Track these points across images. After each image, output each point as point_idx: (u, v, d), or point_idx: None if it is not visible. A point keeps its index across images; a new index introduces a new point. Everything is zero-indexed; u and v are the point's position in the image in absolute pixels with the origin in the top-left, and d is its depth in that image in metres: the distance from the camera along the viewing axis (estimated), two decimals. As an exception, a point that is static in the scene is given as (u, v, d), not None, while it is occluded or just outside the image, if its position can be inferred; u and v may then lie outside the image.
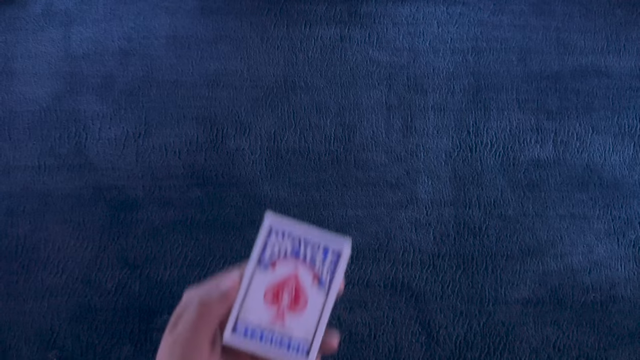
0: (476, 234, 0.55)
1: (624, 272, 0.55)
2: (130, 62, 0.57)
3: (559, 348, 0.52)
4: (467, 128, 0.57)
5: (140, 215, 0.53)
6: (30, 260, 0.52)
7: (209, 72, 0.57)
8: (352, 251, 0.54)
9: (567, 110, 0.58)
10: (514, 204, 0.56)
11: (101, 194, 0.54)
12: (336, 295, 0.32)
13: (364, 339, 0.52)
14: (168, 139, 0.55)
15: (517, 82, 0.59)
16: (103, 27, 0.58)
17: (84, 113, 0.56)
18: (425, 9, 0.60)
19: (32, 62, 0.57)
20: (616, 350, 0.52)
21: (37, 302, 0.51)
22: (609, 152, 0.57)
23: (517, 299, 0.53)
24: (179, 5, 0.59)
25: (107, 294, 0.52)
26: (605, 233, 0.55)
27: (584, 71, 0.59)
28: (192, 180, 0.54)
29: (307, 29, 0.59)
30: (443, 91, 0.58)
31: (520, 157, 0.57)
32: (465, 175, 0.56)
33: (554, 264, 0.54)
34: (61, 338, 0.51)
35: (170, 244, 0.53)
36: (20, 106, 0.56)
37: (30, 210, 0.53)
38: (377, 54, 0.59)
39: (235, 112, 0.56)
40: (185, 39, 0.58)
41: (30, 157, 0.54)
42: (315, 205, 0.54)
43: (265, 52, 0.58)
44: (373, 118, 0.57)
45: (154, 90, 0.56)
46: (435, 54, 0.59)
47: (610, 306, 0.54)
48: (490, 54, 0.59)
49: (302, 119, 0.56)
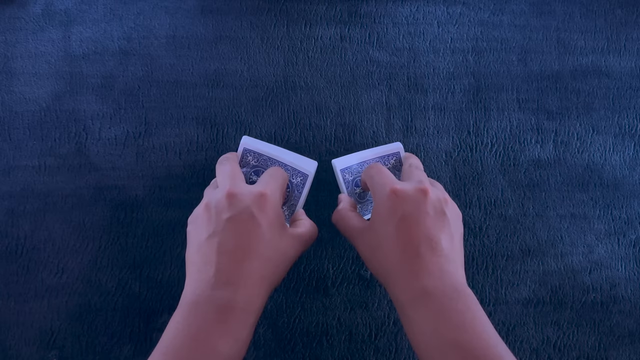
0: (476, 234, 0.55)
1: (625, 272, 0.55)
2: (130, 62, 0.57)
3: (559, 348, 0.52)
4: (467, 128, 0.57)
5: (140, 215, 0.53)
6: (31, 260, 0.52)
7: (209, 72, 0.57)
8: (352, 247, 0.55)
9: (567, 110, 0.58)
10: (514, 204, 0.56)
11: (101, 194, 0.54)
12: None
13: (364, 339, 0.52)
14: (168, 138, 0.55)
15: (518, 82, 0.59)
16: (103, 27, 0.58)
17: (84, 113, 0.56)
18: (426, 8, 0.60)
19: (31, 62, 0.57)
20: (616, 351, 0.53)
21: (37, 302, 0.51)
22: (609, 152, 0.57)
23: (517, 299, 0.53)
24: (179, 5, 0.59)
25: (108, 294, 0.52)
26: (605, 233, 0.56)
27: (584, 71, 0.59)
28: (193, 180, 0.54)
29: (307, 28, 0.59)
30: (443, 91, 0.58)
31: (521, 157, 0.57)
32: (465, 175, 0.56)
33: (554, 264, 0.54)
34: (61, 338, 0.51)
35: (171, 244, 0.53)
36: (20, 106, 0.55)
37: (30, 210, 0.53)
38: (377, 53, 0.59)
39: (235, 112, 0.56)
40: (185, 38, 0.58)
41: (31, 157, 0.54)
42: (315, 205, 0.54)
43: (265, 52, 0.58)
44: (373, 118, 0.57)
45: (154, 90, 0.56)
46: (435, 53, 0.59)
47: (610, 306, 0.54)
48: (490, 54, 0.59)
49: (302, 118, 0.56)
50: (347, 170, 0.49)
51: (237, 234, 0.38)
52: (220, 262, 0.37)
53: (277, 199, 0.42)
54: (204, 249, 0.38)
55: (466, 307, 0.36)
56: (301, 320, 0.52)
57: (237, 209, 0.39)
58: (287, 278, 0.53)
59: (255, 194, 0.40)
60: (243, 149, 0.49)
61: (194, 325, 0.35)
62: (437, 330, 0.36)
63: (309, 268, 0.53)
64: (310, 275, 0.53)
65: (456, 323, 0.35)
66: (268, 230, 0.40)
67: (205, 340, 0.35)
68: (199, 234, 0.40)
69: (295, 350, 0.51)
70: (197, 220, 0.41)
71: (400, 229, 0.39)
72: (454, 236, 0.40)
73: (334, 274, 0.53)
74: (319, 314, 0.52)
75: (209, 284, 0.37)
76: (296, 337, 0.52)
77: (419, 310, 0.37)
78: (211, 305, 0.36)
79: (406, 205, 0.40)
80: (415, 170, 0.45)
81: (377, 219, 0.41)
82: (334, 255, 0.54)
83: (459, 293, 0.37)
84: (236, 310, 0.36)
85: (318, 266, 0.53)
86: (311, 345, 0.52)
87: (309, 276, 0.53)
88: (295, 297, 0.53)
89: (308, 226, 0.44)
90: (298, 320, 0.52)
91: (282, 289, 0.53)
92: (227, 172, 0.44)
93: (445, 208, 0.41)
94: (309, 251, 0.53)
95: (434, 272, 0.38)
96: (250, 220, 0.39)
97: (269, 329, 0.52)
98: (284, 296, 0.53)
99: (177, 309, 0.37)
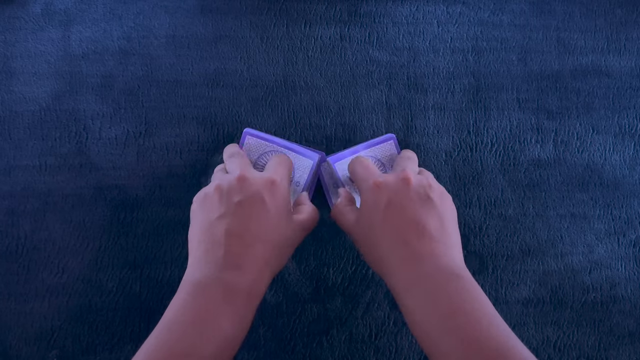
0: (476, 234, 0.55)
1: (625, 272, 0.55)
2: (130, 62, 0.57)
3: (559, 348, 0.52)
4: (467, 128, 0.57)
5: (141, 214, 0.53)
6: (31, 260, 0.52)
7: (209, 72, 0.57)
8: (352, 247, 0.55)
9: (567, 109, 0.58)
10: (514, 204, 0.56)
11: (102, 194, 0.54)
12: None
13: (364, 339, 0.52)
14: (169, 138, 0.55)
15: (518, 81, 0.59)
16: (102, 27, 0.58)
17: (84, 112, 0.56)
18: (425, 8, 0.60)
19: (31, 62, 0.57)
20: (616, 351, 0.53)
21: (37, 302, 0.51)
22: (609, 152, 0.57)
23: (517, 299, 0.53)
24: (179, 4, 0.58)
25: (108, 294, 0.52)
26: (605, 233, 0.56)
27: (584, 71, 0.59)
28: (194, 180, 0.54)
29: (306, 28, 0.59)
30: (443, 91, 0.58)
31: (521, 156, 0.57)
32: (465, 175, 0.56)
33: (554, 264, 0.55)
34: (61, 338, 0.51)
35: (172, 243, 0.53)
36: (20, 106, 0.55)
37: (30, 210, 0.53)
38: (377, 53, 0.59)
39: (235, 112, 0.56)
40: (185, 38, 0.58)
41: (31, 156, 0.54)
42: (316, 205, 0.54)
43: (265, 51, 0.58)
44: (373, 118, 0.57)
45: (154, 90, 0.56)
46: (435, 53, 0.59)
47: (610, 306, 0.54)
48: (490, 54, 0.59)
49: (302, 118, 0.56)
50: (341, 164, 0.50)
51: (247, 217, 0.39)
52: (229, 244, 0.38)
53: (286, 186, 0.43)
54: (212, 229, 0.39)
55: (462, 290, 0.36)
56: (301, 320, 0.52)
57: (248, 193, 0.40)
58: (287, 278, 0.53)
59: (266, 180, 0.41)
60: (247, 137, 0.50)
61: (201, 304, 0.36)
62: (432, 315, 0.35)
63: (309, 268, 0.53)
64: (311, 275, 0.53)
65: (451, 308, 0.35)
66: (276, 217, 0.40)
67: (211, 319, 0.35)
68: (208, 214, 0.40)
69: (295, 351, 0.51)
70: (207, 200, 0.41)
71: (387, 219, 0.40)
72: (443, 220, 0.40)
73: (334, 274, 0.53)
74: (319, 314, 0.52)
75: (217, 265, 0.37)
76: (296, 337, 0.52)
77: (414, 296, 0.37)
78: (218, 287, 0.36)
79: (389, 194, 0.40)
80: (403, 161, 0.46)
81: (365, 212, 0.42)
82: (334, 255, 0.54)
83: (453, 276, 0.37)
84: (242, 292, 0.37)
85: (318, 266, 0.53)
86: (311, 345, 0.52)
87: (309, 276, 0.53)
88: (295, 297, 0.53)
89: (310, 212, 0.45)
90: (298, 320, 0.52)
91: (282, 289, 0.53)
92: (237, 159, 0.45)
93: (430, 193, 0.41)
94: (309, 251, 0.53)
95: (425, 255, 0.38)
96: (261, 205, 0.40)
97: (269, 329, 0.52)
98: (284, 296, 0.53)
99: (182, 287, 0.38)
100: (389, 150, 0.52)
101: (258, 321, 0.52)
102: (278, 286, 0.53)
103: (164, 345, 0.34)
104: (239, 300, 0.37)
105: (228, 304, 0.36)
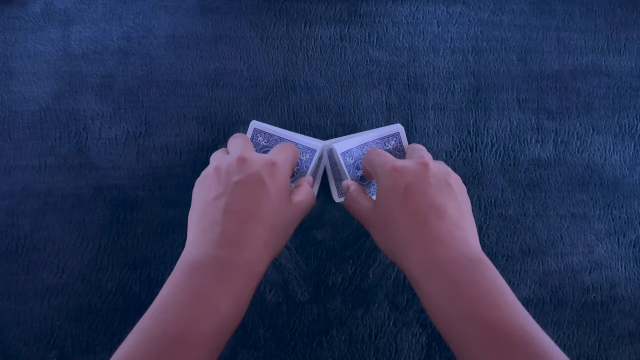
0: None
1: (625, 272, 0.55)
2: (129, 62, 0.57)
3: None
4: (467, 128, 0.57)
5: (141, 215, 0.53)
6: (31, 260, 0.52)
7: (209, 72, 0.57)
8: (352, 247, 0.55)
9: (567, 109, 0.58)
10: (514, 204, 0.56)
11: (102, 194, 0.54)
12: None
13: (364, 339, 0.52)
14: (169, 138, 0.55)
15: (518, 81, 0.59)
16: (102, 27, 0.58)
17: (84, 112, 0.56)
18: (425, 8, 0.60)
19: (31, 62, 0.57)
20: (616, 351, 0.53)
21: (37, 302, 0.51)
22: (609, 152, 0.57)
23: (518, 299, 0.53)
24: (178, 4, 0.58)
25: (108, 294, 0.52)
26: (605, 233, 0.56)
27: (584, 71, 0.59)
28: (194, 180, 0.54)
29: (306, 28, 0.59)
30: (443, 91, 0.58)
31: (521, 156, 0.57)
32: (465, 174, 0.56)
33: (554, 264, 0.55)
34: (61, 338, 0.51)
35: (172, 243, 0.53)
36: (20, 106, 0.55)
37: (30, 210, 0.53)
38: (377, 53, 0.59)
39: (235, 112, 0.56)
40: (185, 38, 0.58)
41: (31, 156, 0.54)
42: (316, 205, 0.54)
43: (264, 51, 0.58)
44: (373, 118, 0.57)
45: (154, 90, 0.56)
46: (435, 53, 0.59)
47: (610, 306, 0.54)
48: (490, 54, 0.59)
49: (302, 118, 0.56)
50: (347, 153, 0.49)
51: (245, 196, 0.39)
52: (226, 222, 0.37)
53: (287, 169, 0.43)
54: (210, 209, 0.39)
55: (482, 277, 0.35)
56: (301, 321, 0.52)
57: (247, 172, 0.39)
58: (288, 278, 0.53)
59: (266, 161, 0.41)
60: (253, 129, 0.50)
61: (196, 283, 0.35)
62: (453, 302, 0.34)
63: (310, 268, 0.53)
64: (311, 276, 0.53)
65: (472, 294, 0.34)
66: (275, 197, 0.40)
67: (206, 300, 0.35)
68: (206, 194, 0.40)
69: (296, 351, 0.51)
70: (206, 181, 0.41)
71: (406, 201, 0.39)
72: (462, 206, 0.40)
73: (334, 274, 0.53)
74: (319, 314, 0.52)
75: (214, 243, 0.37)
76: (296, 337, 0.52)
77: (433, 282, 0.36)
78: (214, 266, 0.36)
79: (408, 178, 0.40)
80: (417, 150, 0.46)
81: (383, 196, 0.41)
82: (334, 255, 0.54)
83: (473, 262, 0.36)
84: (239, 272, 0.36)
85: (318, 266, 0.53)
86: (311, 346, 0.52)
87: (309, 276, 0.53)
88: (295, 297, 0.53)
89: (306, 193, 0.45)
90: (298, 320, 0.52)
91: (282, 289, 0.53)
92: (239, 140, 0.45)
93: (449, 179, 0.41)
94: (309, 251, 0.53)
95: (444, 239, 0.37)
96: (260, 185, 0.39)
97: (269, 329, 0.52)
98: (284, 296, 0.53)
99: (177, 267, 0.37)
100: (397, 142, 0.52)
101: (258, 321, 0.52)
102: (278, 286, 0.53)
103: (157, 325, 0.34)
104: (236, 280, 0.36)
105: (224, 284, 0.35)
